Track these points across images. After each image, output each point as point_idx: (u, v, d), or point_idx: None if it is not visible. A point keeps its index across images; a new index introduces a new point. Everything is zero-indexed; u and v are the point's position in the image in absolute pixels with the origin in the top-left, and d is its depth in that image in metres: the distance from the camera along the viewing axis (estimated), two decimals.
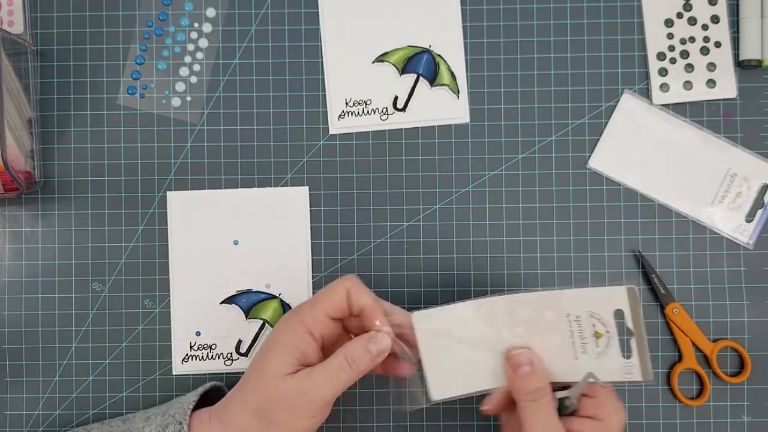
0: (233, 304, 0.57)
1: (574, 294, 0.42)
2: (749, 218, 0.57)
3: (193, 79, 0.58)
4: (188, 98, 0.58)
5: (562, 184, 0.58)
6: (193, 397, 0.49)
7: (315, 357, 0.46)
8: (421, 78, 0.58)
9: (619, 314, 0.42)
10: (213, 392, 0.53)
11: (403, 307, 0.48)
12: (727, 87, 0.57)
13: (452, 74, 0.58)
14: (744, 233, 0.57)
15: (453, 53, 0.58)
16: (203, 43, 0.58)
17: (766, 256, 0.57)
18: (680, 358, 0.56)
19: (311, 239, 0.57)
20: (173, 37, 0.58)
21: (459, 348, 0.45)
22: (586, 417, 0.45)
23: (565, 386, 0.45)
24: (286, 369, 0.45)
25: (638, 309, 0.41)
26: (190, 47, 0.58)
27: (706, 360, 0.56)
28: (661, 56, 0.58)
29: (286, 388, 0.45)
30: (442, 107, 0.58)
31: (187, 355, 0.57)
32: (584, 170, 0.58)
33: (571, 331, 0.42)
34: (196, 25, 0.58)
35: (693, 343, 0.56)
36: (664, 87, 0.58)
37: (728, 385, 0.57)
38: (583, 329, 0.42)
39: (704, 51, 0.58)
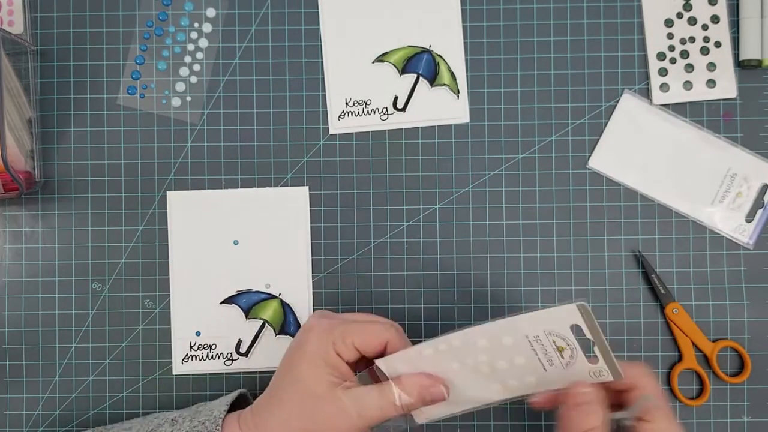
0: (233, 304, 0.57)
1: (527, 318, 0.42)
2: (749, 218, 0.57)
3: (193, 79, 0.58)
4: (188, 98, 0.58)
5: (562, 184, 0.58)
6: (223, 406, 0.48)
7: (348, 371, 0.46)
8: (421, 78, 0.58)
9: (577, 327, 0.42)
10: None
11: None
12: (727, 87, 0.57)
13: (452, 74, 0.58)
14: (744, 233, 0.57)
15: (453, 53, 0.58)
16: (203, 43, 0.58)
17: (766, 256, 0.57)
18: (680, 358, 0.56)
19: (311, 239, 0.57)
20: (173, 37, 0.58)
21: None
22: None
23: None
24: (329, 387, 0.45)
25: (592, 321, 0.41)
26: (190, 47, 0.58)
27: (706, 360, 0.56)
28: (661, 56, 0.58)
29: (335, 409, 0.44)
30: (442, 107, 0.58)
31: (187, 355, 0.57)
32: (584, 170, 0.58)
33: (534, 350, 0.43)
34: (196, 25, 0.58)
35: (693, 343, 0.56)
36: (664, 87, 0.57)
37: (728, 385, 0.57)
38: (545, 346, 0.43)
39: (704, 51, 0.58)
